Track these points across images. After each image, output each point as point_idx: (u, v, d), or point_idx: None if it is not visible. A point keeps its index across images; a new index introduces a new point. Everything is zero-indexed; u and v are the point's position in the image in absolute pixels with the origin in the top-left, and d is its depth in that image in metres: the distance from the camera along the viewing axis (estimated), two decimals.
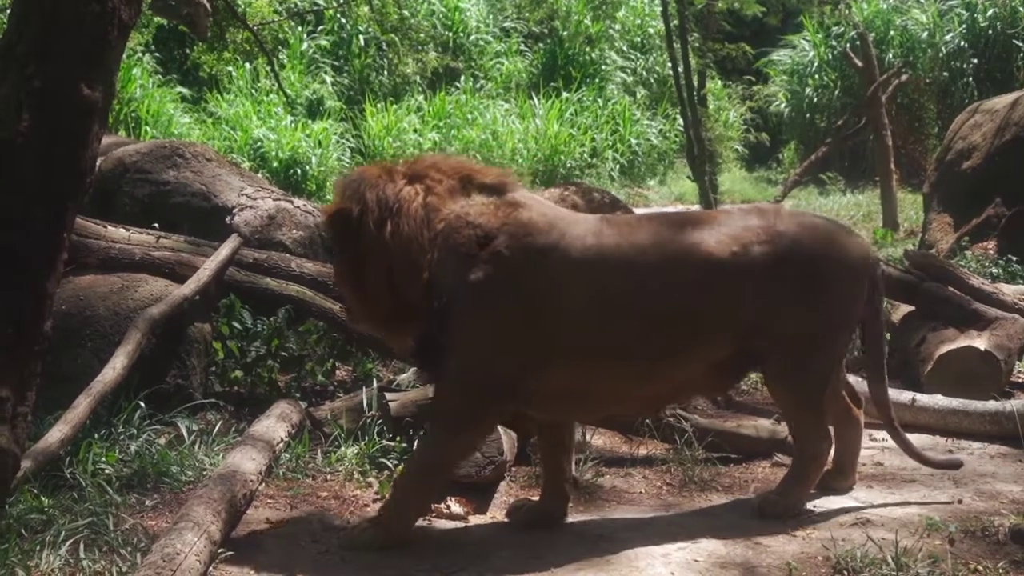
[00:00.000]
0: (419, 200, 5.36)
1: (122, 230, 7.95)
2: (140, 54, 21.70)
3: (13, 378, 4.00)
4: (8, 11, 5.27)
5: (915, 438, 6.93)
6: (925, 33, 23.32)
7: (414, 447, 6.12)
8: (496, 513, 5.77)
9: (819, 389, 5.69)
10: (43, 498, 5.39)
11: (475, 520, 5.69)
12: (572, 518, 5.66)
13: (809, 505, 5.73)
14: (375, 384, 6.97)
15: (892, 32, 23.70)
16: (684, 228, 5.52)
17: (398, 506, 5.39)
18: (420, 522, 5.54)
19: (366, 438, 6.47)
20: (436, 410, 5.58)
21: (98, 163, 6.84)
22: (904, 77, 18.83)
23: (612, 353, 5.35)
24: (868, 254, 5.86)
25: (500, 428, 5.98)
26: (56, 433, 5.62)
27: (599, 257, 5.30)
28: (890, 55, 22.79)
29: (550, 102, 23.38)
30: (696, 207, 15.05)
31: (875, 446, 6.83)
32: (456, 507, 5.74)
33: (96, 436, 6.05)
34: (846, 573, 4.83)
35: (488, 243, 5.26)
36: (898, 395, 7.25)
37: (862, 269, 5.73)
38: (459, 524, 5.63)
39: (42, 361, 4.15)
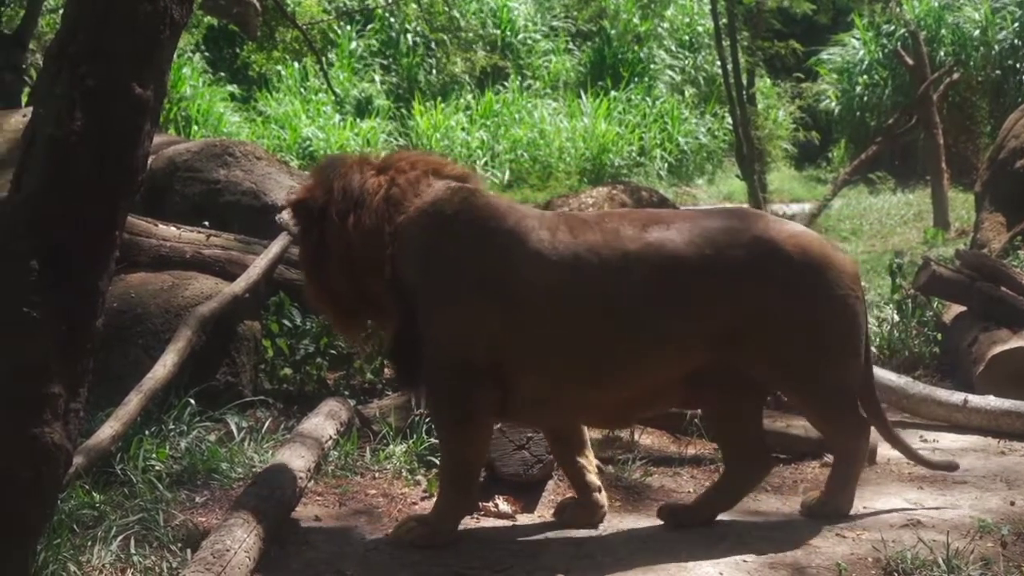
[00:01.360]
0: (382, 193, 5.35)
1: (173, 228, 8.00)
2: (190, 53, 21.86)
3: (65, 375, 4.02)
4: (61, 11, 5.31)
5: (967, 440, 6.90)
6: (977, 31, 23.11)
7: None
8: (544, 512, 5.76)
9: (837, 397, 5.49)
10: (95, 494, 5.43)
11: (523, 519, 5.69)
12: (621, 517, 5.65)
13: (858, 506, 5.69)
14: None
15: (944, 30, 23.50)
16: (651, 227, 5.29)
17: (439, 505, 5.40)
18: (469, 521, 5.55)
19: (414, 436, 6.48)
20: (430, 409, 5.60)
21: (149, 162, 6.88)
22: (956, 75, 18.68)
23: (568, 353, 5.23)
24: (855, 267, 5.61)
25: None
26: (107, 430, 5.67)
27: (551, 250, 5.19)
28: (941, 53, 22.60)
29: (598, 101, 23.35)
30: (744, 206, 14.98)
31: (925, 447, 6.78)
32: (504, 506, 5.74)
33: (147, 433, 6.09)
34: (897, 575, 4.80)
35: (446, 228, 5.26)
36: (950, 396, 7.21)
37: (851, 275, 5.46)
38: (507, 522, 5.63)
39: (94, 358, 4.18)
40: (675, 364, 5.26)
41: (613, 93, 23.81)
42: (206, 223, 8.36)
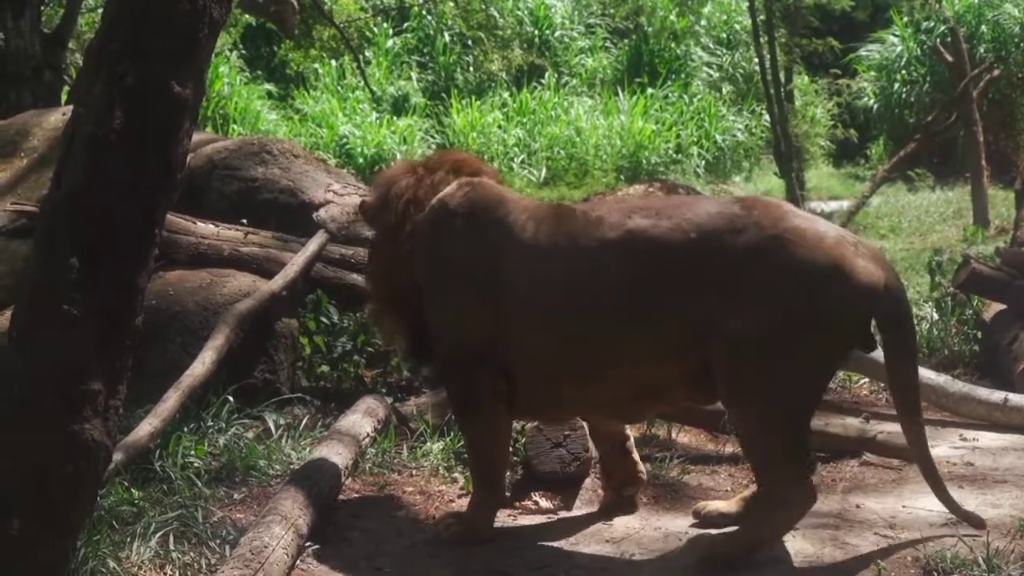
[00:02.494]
0: (408, 194, 5.48)
1: (211, 226, 8.03)
2: (228, 52, 21.95)
3: (105, 372, 4.05)
4: (101, 10, 5.34)
5: (1007, 438, 6.85)
6: (1018, 27, 22.94)
7: None
8: (583, 509, 5.75)
9: (786, 421, 4.91)
10: (133, 490, 5.46)
11: (562, 516, 5.68)
12: (659, 516, 5.64)
13: (897, 505, 5.66)
14: None
15: (983, 26, 23.34)
16: (637, 214, 5.11)
17: (471, 502, 5.44)
18: (507, 518, 5.56)
19: (451, 434, 6.49)
20: (448, 406, 5.64)
21: (188, 160, 6.90)
22: (996, 72, 18.53)
23: (553, 344, 5.17)
24: (871, 280, 4.83)
25: (585, 424, 5.97)
26: (146, 426, 5.70)
27: (534, 241, 5.19)
28: (981, 50, 22.45)
29: (635, 98, 23.30)
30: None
31: (965, 446, 6.74)
32: (543, 502, 5.75)
33: (185, 430, 6.12)
34: (936, 574, 4.77)
35: (445, 222, 5.37)
36: (989, 395, 7.16)
37: (851, 289, 4.79)
38: (546, 519, 5.63)
39: (133, 355, 4.21)
40: (659, 358, 5.02)
41: (650, 90, 23.75)
42: (244, 221, 8.39)
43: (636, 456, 5.70)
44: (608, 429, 5.66)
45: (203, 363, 6.31)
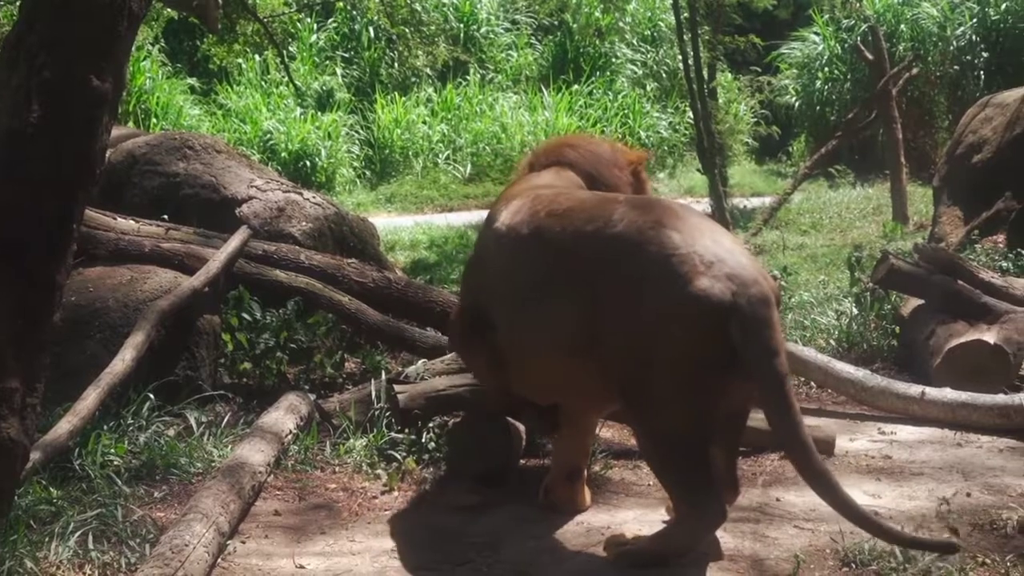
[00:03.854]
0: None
1: (132, 222, 7.97)
2: (149, 46, 21.73)
3: (22, 369, 4.00)
4: (19, 2, 5.27)
5: (924, 431, 6.94)
6: (936, 26, 23.26)
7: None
8: (507, 504, 5.76)
9: (670, 442, 4.81)
10: (52, 489, 5.41)
11: (485, 511, 5.69)
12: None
13: (817, 498, 5.70)
14: (384, 376, 6.99)
15: (903, 25, 23.63)
16: (551, 208, 5.24)
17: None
18: (430, 514, 5.57)
19: (375, 430, 6.49)
20: None
21: (108, 155, 6.84)
22: (915, 70, 18.77)
23: (504, 328, 5.36)
24: (711, 297, 4.62)
25: (510, 420, 5.99)
26: (65, 424, 5.64)
27: (497, 229, 5.48)
28: (901, 48, 22.72)
29: (560, 95, 23.37)
30: (706, 200, 15.02)
31: (883, 439, 6.82)
32: (466, 497, 5.75)
33: (105, 428, 6.07)
34: (854, 566, 4.83)
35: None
36: (907, 389, 7.25)
37: (705, 310, 4.62)
38: (469, 516, 5.63)
39: (51, 353, 4.16)
40: (566, 356, 5.02)
41: (575, 87, 23.83)
42: (165, 216, 8.34)
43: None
44: (585, 422, 5.68)
45: (123, 360, 6.25)
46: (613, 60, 25.43)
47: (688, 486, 4.81)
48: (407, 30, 20.12)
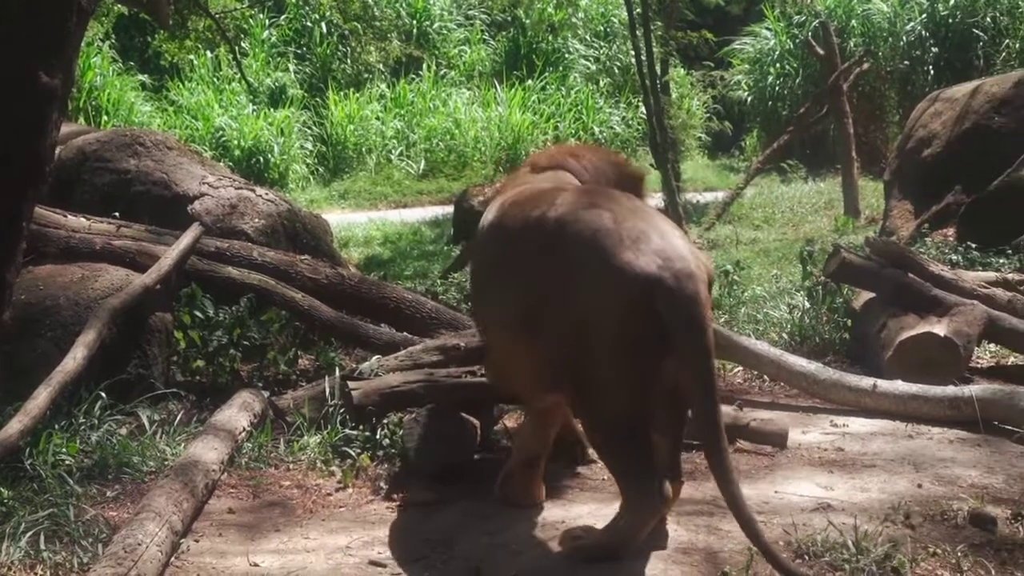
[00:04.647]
0: None
1: (82, 219, 7.91)
2: (100, 42, 21.59)
3: None
4: None
5: (876, 424, 6.99)
6: (886, 22, 23.44)
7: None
8: (461, 500, 5.76)
9: (610, 428, 4.85)
10: (3, 489, 5.37)
11: (440, 507, 5.68)
12: (536, 506, 5.66)
13: (770, 491, 5.75)
14: (338, 373, 6.97)
15: (853, 21, 23.83)
16: (504, 196, 5.52)
17: None
18: (384, 511, 5.57)
19: (329, 427, 6.47)
20: None
21: (57, 151, 6.79)
22: (865, 66, 18.91)
23: (484, 315, 5.59)
24: (636, 272, 4.62)
25: (464, 416, 5.99)
26: (16, 424, 5.59)
27: (479, 227, 5.58)
28: (851, 44, 22.91)
29: (513, 90, 23.40)
30: (659, 195, 15.07)
31: (836, 432, 6.86)
32: (421, 494, 5.74)
33: (56, 427, 6.03)
34: (807, 557, 4.85)
35: None
36: (859, 381, 7.29)
37: (631, 285, 4.63)
38: (424, 511, 5.62)
39: (1, 352, 4.13)
40: (520, 339, 5.04)
41: (528, 83, 23.86)
42: (116, 214, 8.29)
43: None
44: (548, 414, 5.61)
45: (75, 359, 6.21)
46: (566, 56, 25.50)
47: (630, 472, 4.82)
48: (360, 26, 20.11)
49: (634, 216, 4.85)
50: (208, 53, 22.64)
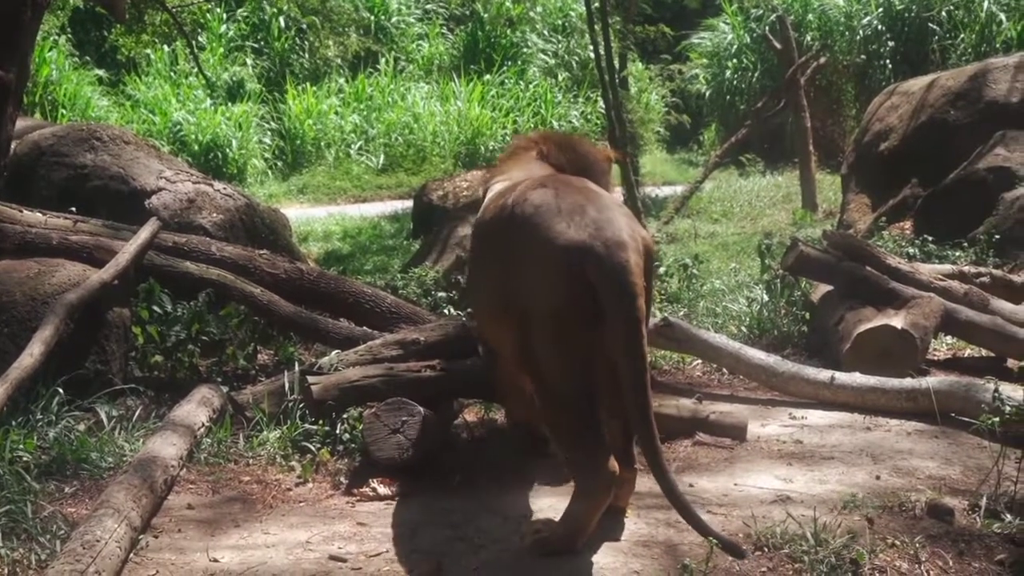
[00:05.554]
0: None
1: (38, 214, 7.85)
2: (55, 36, 21.45)
3: None
4: None
5: (834, 416, 7.04)
6: (843, 16, 23.57)
7: None
8: (422, 495, 5.76)
9: (552, 399, 4.97)
10: None
11: (401, 501, 5.68)
12: (499, 498, 5.66)
13: (729, 484, 5.78)
14: (297, 368, 6.96)
15: (810, 15, 23.94)
16: (494, 185, 5.82)
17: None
18: (344, 505, 5.56)
19: (288, 422, 6.46)
20: None
21: (13, 146, 6.74)
22: (822, 59, 19.02)
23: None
24: (567, 242, 4.78)
25: (424, 410, 5.98)
26: None
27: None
28: (808, 38, 23.03)
29: (471, 85, 23.40)
30: (618, 189, 15.07)
31: (794, 424, 6.90)
32: (381, 488, 5.74)
33: (13, 423, 5.98)
34: (766, 549, 4.88)
35: None
36: (817, 374, 7.34)
37: (562, 255, 4.77)
38: (384, 505, 5.62)
39: None
40: (497, 319, 5.31)
41: (486, 77, 23.86)
42: (73, 209, 8.24)
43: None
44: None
45: (31, 355, 6.16)
46: (524, 50, 25.52)
47: (577, 452, 4.91)
48: (318, 20, 20.05)
49: (576, 193, 5.06)
50: (165, 47, 22.54)
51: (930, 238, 10.79)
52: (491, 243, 5.33)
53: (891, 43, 22.68)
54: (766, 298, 9.17)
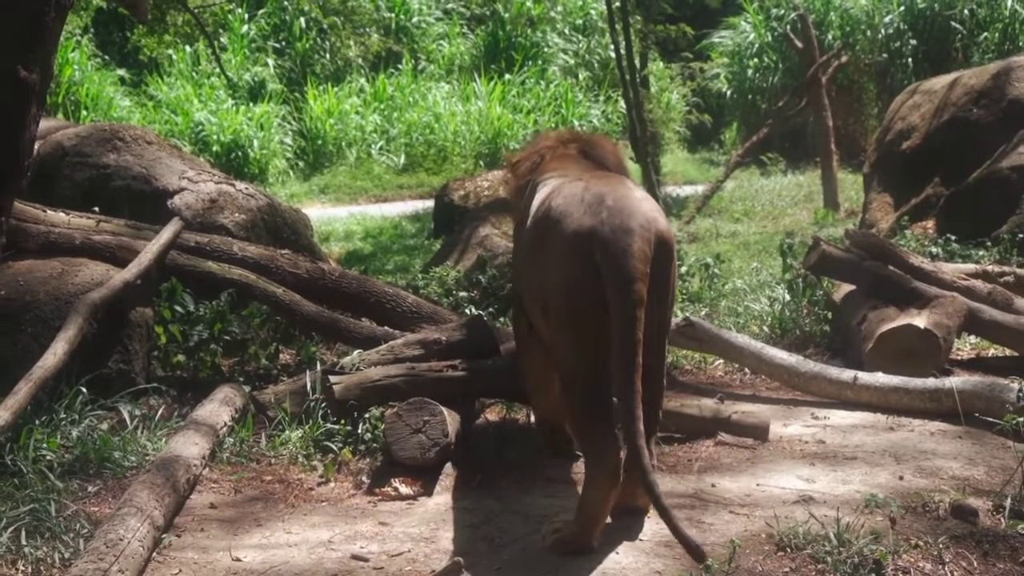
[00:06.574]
0: None
1: (62, 214, 7.87)
2: (79, 37, 21.52)
3: None
4: None
5: (857, 416, 7.01)
6: (864, 15, 23.50)
7: None
8: (443, 494, 5.76)
9: (569, 384, 5.13)
10: None
11: (422, 501, 5.68)
12: (519, 498, 5.66)
13: (751, 484, 5.76)
14: (319, 367, 6.96)
15: (832, 14, 23.87)
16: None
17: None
18: (366, 504, 5.56)
19: (310, 421, 6.46)
20: None
21: (36, 146, 6.76)
22: (844, 58, 18.98)
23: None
24: (578, 227, 4.95)
25: (445, 410, 5.98)
26: None
27: None
28: (830, 36, 22.97)
29: (492, 84, 23.38)
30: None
31: (817, 424, 6.88)
32: (403, 488, 5.74)
33: (37, 422, 6.00)
34: (789, 550, 4.86)
35: None
36: (840, 374, 7.31)
37: (575, 239, 4.94)
38: (406, 505, 5.62)
39: None
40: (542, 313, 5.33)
41: (507, 76, 23.85)
42: (96, 208, 8.25)
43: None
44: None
45: (55, 354, 6.18)
46: (545, 49, 25.51)
47: (587, 436, 5.06)
48: (339, 20, 20.07)
49: (604, 186, 5.17)
50: (187, 48, 22.60)
51: (953, 237, 10.74)
52: (530, 236, 5.43)
53: (913, 42, 22.62)
54: (788, 297, 9.14)
